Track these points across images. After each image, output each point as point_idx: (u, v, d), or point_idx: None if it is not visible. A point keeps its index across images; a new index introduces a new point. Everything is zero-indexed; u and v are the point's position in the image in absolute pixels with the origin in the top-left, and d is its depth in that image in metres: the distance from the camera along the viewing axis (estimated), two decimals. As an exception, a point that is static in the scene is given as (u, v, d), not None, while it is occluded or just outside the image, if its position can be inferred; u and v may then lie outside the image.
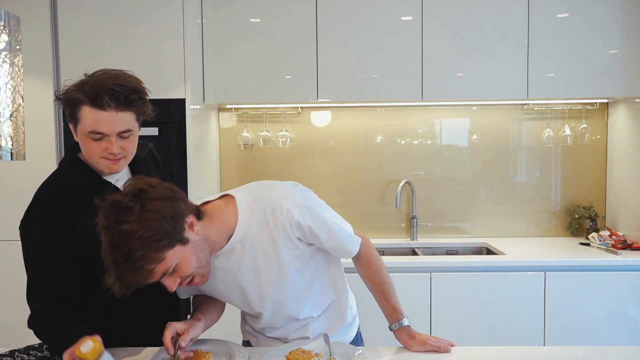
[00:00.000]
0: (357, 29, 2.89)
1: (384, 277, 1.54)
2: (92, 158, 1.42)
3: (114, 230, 1.17)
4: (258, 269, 1.41)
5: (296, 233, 1.39)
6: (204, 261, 1.32)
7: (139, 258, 1.17)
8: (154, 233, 1.18)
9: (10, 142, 1.12)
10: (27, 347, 1.49)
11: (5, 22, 1.09)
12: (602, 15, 2.84)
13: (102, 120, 1.35)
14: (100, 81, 1.36)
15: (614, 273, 2.67)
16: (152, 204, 1.20)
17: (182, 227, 1.26)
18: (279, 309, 1.50)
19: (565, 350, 1.55)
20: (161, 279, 1.25)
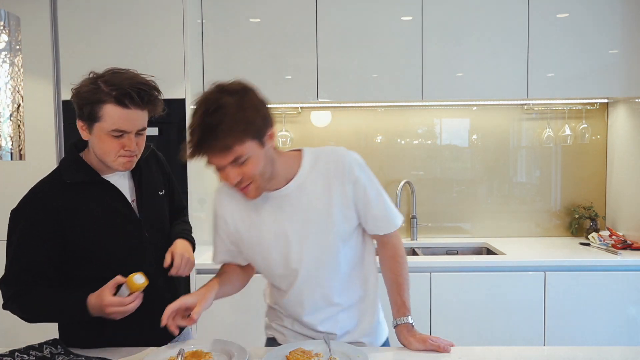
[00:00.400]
0: (357, 29, 2.89)
1: (404, 272, 1.56)
2: (109, 156, 1.44)
3: (215, 101, 1.29)
4: (307, 220, 1.45)
5: (351, 190, 1.45)
6: (266, 175, 1.38)
7: (226, 129, 1.26)
8: (246, 119, 1.29)
9: (10, 142, 1.12)
10: (27, 347, 1.49)
11: (5, 22, 1.09)
12: (602, 15, 2.85)
13: (126, 118, 1.38)
14: (121, 80, 1.39)
15: (614, 273, 2.67)
16: (254, 99, 1.35)
17: (266, 132, 1.35)
18: (315, 274, 1.49)
19: (565, 350, 1.55)
20: (230, 164, 1.31)
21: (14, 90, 1.13)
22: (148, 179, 1.61)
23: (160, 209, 1.65)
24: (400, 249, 1.59)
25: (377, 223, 1.52)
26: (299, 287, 1.51)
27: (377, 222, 1.52)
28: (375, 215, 1.50)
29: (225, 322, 2.66)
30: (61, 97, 2.71)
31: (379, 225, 1.53)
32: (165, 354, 1.47)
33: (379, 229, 1.54)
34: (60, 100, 2.71)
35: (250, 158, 1.32)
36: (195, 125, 1.28)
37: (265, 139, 1.35)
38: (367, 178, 1.49)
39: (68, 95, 2.70)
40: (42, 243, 1.44)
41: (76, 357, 1.47)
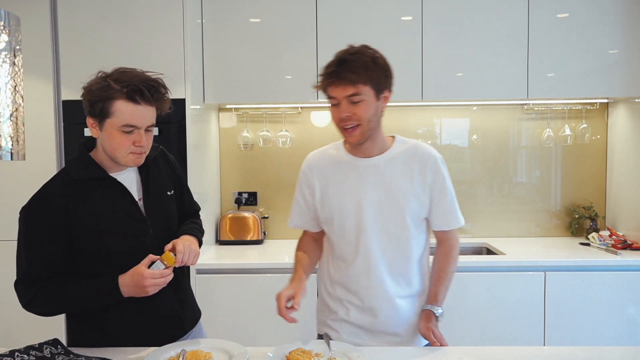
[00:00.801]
0: (357, 29, 2.89)
1: (449, 269, 1.67)
2: (120, 152, 1.46)
3: (357, 48, 1.55)
4: (386, 193, 1.59)
5: (431, 178, 1.60)
6: (372, 125, 1.55)
7: (357, 66, 1.49)
8: (375, 70, 1.51)
9: (10, 142, 1.12)
10: (27, 347, 1.49)
11: (5, 22, 1.09)
12: (602, 15, 2.85)
13: (137, 114, 1.42)
14: (130, 78, 1.43)
15: (614, 273, 2.67)
16: (386, 64, 1.58)
17: (384, 89, 1.56)
18: (384, 245, 1.61)
19: (565, 350, 1.55)
20: (345, 99, 1.51)
21: (14, 90, 1.13)
22: (156, 178, 1.62)
23: (168, 209, 1.65)
24: (454, 249, 1.71)
25: (446, 217, 1.65)
26: (366, 255, 1.61)
27: (446, 217, 1.65)
28: (446, 208, 1.64)
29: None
30: (61, 97, 2.71)
31: (447, 220, 1.66)
32: (165, 354, 1.47)
33: (446, 224, 1.66)
34: (60, 100, 2.71)
35: (364, 101, 1.51)
36: (334, 60, 1.53)
37: (381, 95, 1.55)
38: (447, 174, 1.64)
39: (68, 95, 2.71)
40: (52, 239, 1.46)
41: (76, 357, 1.47)
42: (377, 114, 1.56)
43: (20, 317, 2.73)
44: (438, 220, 1.66)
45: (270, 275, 2.65)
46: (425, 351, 1.56)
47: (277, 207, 3.31)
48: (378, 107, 1.55)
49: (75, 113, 2.71)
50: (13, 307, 2.79)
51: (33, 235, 1.48)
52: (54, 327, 2.74)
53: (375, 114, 1.55)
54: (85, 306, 1.51)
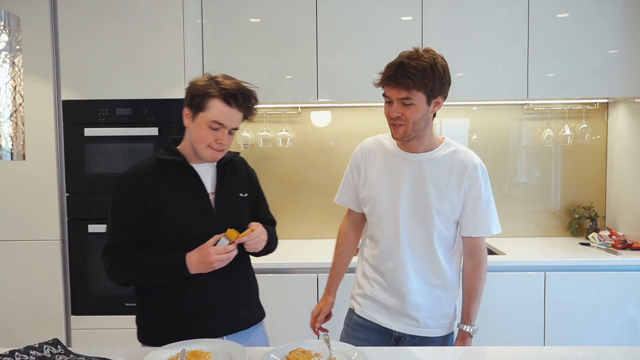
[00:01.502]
0: (357, 29, 2.89)
1: (478, 286, 1.74)
2: (202, 144, 1.61)
3: (418, 54, 1.65)
4: (423, 190, 1.70)
5: (468, 185, 1.69)
6: (417, 126, 1.65)
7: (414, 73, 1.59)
8: (430, 78, 1.59)
9: (10, 142, 1.12)
10: (27, 347, 1.49)
11: (5, 22, 1.09)
12: (602, 15, 2.85)
13: (227, 115, 1.60)
14: (231, 83, 1.63)
15: (614, 273, 2.67)
16: (443, 70, 1.64)
17: (436, 96, 1.64)
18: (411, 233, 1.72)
19: (565, 350, 1.55)
20: (398, 100, 1.62)
21: (14, 90, 1.13)
22: (232, 178, 1.74)
23: (238, 209, 1.74)
24: (483, 265, 1.75)
25: (477, 224, 1.71)
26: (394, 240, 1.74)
27: (477, 223, 1.71)
28: (478, 214, 1.70)
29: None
30: (61, 97, 2.71)
31: (477, 227, 1.72)
32: (165, 354, 1.47)
33: (475, 230, 1.72)
34: (60, 100, 2.71)
35: (415, 105, 1.61)
36: (395, 63, 1.63)
37: (433, 101, 1.64)
38: (485, 182, 1.72)
39: (68, 95, 2.71)
40: (132, 213, 1.61)
41: (76, 357, 1.47)
42: (425, 117, 1.65)
43: (20, 317, 2.74)
44: (467, 226, 1.73)
45: (269, 275, 2.65)
46: (425, 351, 1.56)
47: (278, 207, 3.30)
48: (428, 111, 1.65)
49: (75, 113, 2.71)
50: (13, 307, 2.80)
51: (118, 207, 1.63)
52: (54, 327, 2.74)
53: (423, 117, 1.64)
54: (153, 279, 1.62)
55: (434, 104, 1.65)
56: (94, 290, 2.74)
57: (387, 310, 1.78)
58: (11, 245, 2.73)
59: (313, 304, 2.02)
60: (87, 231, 2.71)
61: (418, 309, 1.73)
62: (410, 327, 1.75)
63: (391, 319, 1.77)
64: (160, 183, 1.63)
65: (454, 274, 1.78)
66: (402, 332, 1.76)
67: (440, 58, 1.66)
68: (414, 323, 1.75)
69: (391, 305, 1.77)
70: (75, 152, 2.70)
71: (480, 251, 1.75)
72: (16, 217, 2.72)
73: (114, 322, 2.73)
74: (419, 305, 1.73)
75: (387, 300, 1.77)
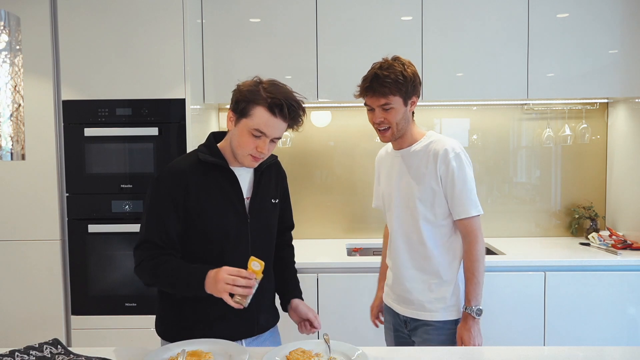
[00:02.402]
0: (357, 29, 2.89)
1: (473, 267, 1.80)
2: (242, 150, 1.58)
3: (389, 63, 1.80)
4: (407, 180, 1.87)
5: (444, 170, 1.79)
6: (400, 126, 1.83)
7: (389, 81, 1.76)
8: (403, 82, 1.77)
9: (10, 142, 1.12)
10: (27, 347, 1.49)
11: (5, 22, 1.09)
12: (602, 15, 2.85)
13: (270, 124, 1.55)
14: (277, 92, 1.58)
15: (614, 273, 2.67)
16: (413, 73, 1.81)
17: (411, 97, 1.82)
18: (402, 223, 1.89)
19: (565, 350, 1.55)
20: (379, 107, 1.80)
21: (14, 90, 1.13)
22: (266, 184, 1.72)
23: (269, 215, 1.73)
24: (474, 246, 1.80)
25: (455, 206, 1.81)
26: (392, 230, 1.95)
27: (455, 206, 1.81)
28: (455, 197, 1.80)
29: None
30: (61, 97, 2.71)
31: (456, 209, 1.81)
32: (165, 354, 1.47)
33: (456, 212, 1.81)
34: (60, 100, 2.71)
35: (394, 109, 1.79)
36: (369, 75, 1.80)
37: (409, 102, 1.82)
38: (459, 165, 1.80)
39: (68, 95, 2.71)
40: (171, 211, 1.57)
41: (76, 357, 1.47)
42: (405, 116, 1.83)
43: (20, 317, 2.74)
44: (452, 210, 1.83)
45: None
46: (425, 351, 1.56)
47: (277, 207, 3.31)
48: (407, 111, 1.83)
49: (75, 113, 2.71)
50: (13, 307, 2.80)
51: (156, 204, 1.59)
52: (54, 327, 2.74)
53: (404, 117, 1.82)
54: (174, 287, 1.58)
55: (410, 104, 1.83)
56: (94, 290, 2.74)
57: (395, 295, 1.96)
58: (11, 245, 2.73)
59: (313, 303, 2.02)
60: (87, 231, 2.71)
61: (412, 292, 1.88)
62: (409, 309, 1.90)
63: (398, 303, 1.94)
64: (200, 184, 1.59)
65: (448, 261, 1.86)
66: (406, 316, 1.91)
67: (409, 64, 1.82)
68: (412, 306, 1.89)
69: (396, 290, 1.95)
70: (75, 152, 2.70)
71: (469, 233, 1.81)
72: (16, 217, 2.72)
73: (114, 322, 2.73)
74: (412, 288, 1.88)
75: (394, 286, 1.96)
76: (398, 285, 1.93)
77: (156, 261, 1.55)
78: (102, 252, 2.72)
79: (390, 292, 1.99)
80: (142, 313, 2.72)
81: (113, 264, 2.73)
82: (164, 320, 1.68)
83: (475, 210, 1.80)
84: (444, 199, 1.82)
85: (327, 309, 2.68)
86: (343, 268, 2.72)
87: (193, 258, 1.60)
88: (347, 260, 2.78)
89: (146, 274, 1.57)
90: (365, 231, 3.35)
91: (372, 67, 1.82)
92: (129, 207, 2.71)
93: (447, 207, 1.83)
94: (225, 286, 1.43)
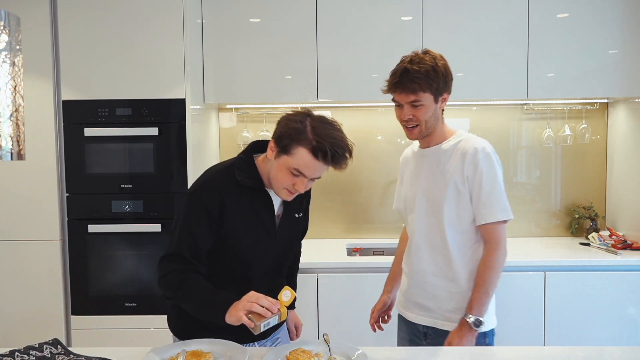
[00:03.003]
0: (357, 29, 2.89)
1: (485, 275, 1.69)
2: (277, 184, 1.54)
3: (419, 57, 1.69)
4: (432, 179, 1.77)
5: (471, 171, 1.70)
6: (429, 124, 1.73)
7: (419, 77, 1.66)
8: (434, 77, 1.67)
9: (10, 142, 1.12)
10: (27, 347, 1.49)
11: (5, 22, 1.09)
12: (602, 15, 2.85)
13: (311, 166, 1.48)
14: (325, 135, 1.47)
15: (614, 273, 2.67)
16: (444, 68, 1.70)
17: (442, 93, 1.72)
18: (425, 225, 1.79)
19: (565, 350, 1.55)
20: (408, 104, 1.69)
21: (14, 90, 1.13)
22: (294, 200, 1.67)
23: (292, 229, 1.73)
24: (492, 253, 1.69)
25: (481, 210, 1.70)
26: (413, 232, 1.83)
27: (481, 209, 1.69)
28: (482, 200, 1.69)
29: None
30: (61, 97, 2.71)
31: (482, 212, 1.70)
32: (165, 353, 1.47)
33: (482, 216, 1.70)
34: (60, 100, 2.71)
35: (424, 106, 1.69)
36: (399, 69, 1.69)
37: (440, 99, 1.72)
38: (489, 166, 1.71)
39: (68, 95, 2.71)
40: (204, 227, 1.54)
41: (76, 357, 1.48)
42: (435, 114, 1.73)
43: (20, 317, 2.74)
44: (476, 213, 1.72)
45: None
46: (425, 351, 1.56)
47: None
48: (437, 108, 1.73)
49: (75, 113, 2.71)
50: (13, 307, 2.80)
51: (190, 218, 1.55)
52: (54, 327, 2.74)
53: (433, 115, 1.72)
54: (194, 308, 1.53)
55: (440, 101, 1.73)
56: (94, 290, 2.74)
57: (411, 302, 1.84)
58: (11, 245, 2.73)
59: (313, 303, 2.02)
60: (87, 231, 2.71)
61: (433, 299, 1.77)
62: (429, 318, 1.79)
63: (413, 311, 1.84)
64: (235, 203, 1.56)
65: (472, 269, 1.74)
66: (427, 326, 1.80)
67: (440, 57, 1.71)
68: (433, 315, 1.78)
69: (413, 297, 1.84)
70: (75, 152, 2.70)
71: (491, 239, 1.69)
72: (16, 217, 2.72)
73: (114, 322, 2.73)
74: (433, 296, 1.77)
75: (411, 294, 1.84)
76: (417, 292, 1.81)
77: (184, 276, 1.52)
78: (102, 252, 2.72)
79: (405, 299, 1.88)
80: (142, 313, 2.72)
81: (113, 264, 2.73)
82: (181, 319, 1.65)
83: (503, 215, 1.68)
84: (469, 202, 1.71)
85: (327, 309, 2.68)
86: (343, 268, 2.72)
87: (217, 269, 1.59)
88: (347, 260, 2.78)
89: (171, 287, 1.53)
90: (366, 231, 3.35)
91: (402, 61, 1.71)
92: (129, 207, 2.71)
93: (472, 211, 1.72)
94: (246, 303, 1.40)
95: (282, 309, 1.41)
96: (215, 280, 1.58)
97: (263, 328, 1.38)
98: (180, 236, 1.55)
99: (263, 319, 1.37)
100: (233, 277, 1.60)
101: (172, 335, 1.71)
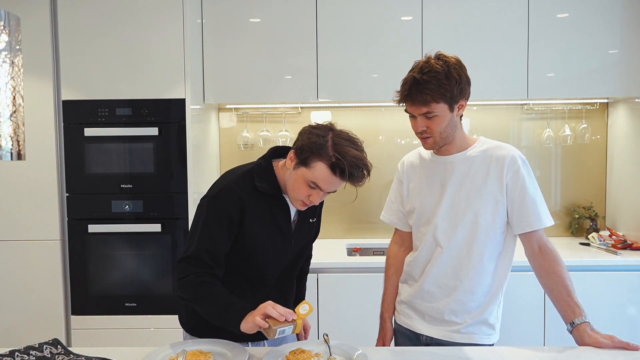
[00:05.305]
0: (357, 29, 2.89)
1: (568, 275, 1.64)
2: (293, 194, 1.56)
3: (430, 65, 1.57)
4: (461, 189, 1.65)
5: (510, 178, 1.61)
6: (445, 134, 1.62)
7: (430, 88, 1.55)
8: (447, 86, 1.55)
9: (10, 142, 1.12)
10: (27, 347, 1.49)
11: (5, 22, 1.09)
12: (602, 15, 2.85)
13: (328, 181, 1.50)
14: (345, 153, 1.47)
15: (614, 273, 2.67)
16: (459, 73, 1.60)
17: (458, 101, 1.60)
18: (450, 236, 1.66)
19: (565, 351, 1.55)
20: (421, 115, 1.59)
21: (14, 90, 1.13)
22: (310, 207, 1.66)
23: (307, 234, 1.75)
24: (559, 254, 1.67)
25: (528, 217, 1.61)
26: (433, 244, 1.69)
27: (529, 216, 1.61)
28: (528, 207, 1.60)
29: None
30: (61, 97, 2.71)
31: (529, 221, 1.61)
32: (165, 354, 1.47)
33: (529, 224, 1.61)
34: (60, 100, 2.71)
35: (438, 117, 1.58)
36: (408, 79, 1.60)
37: (456, 107, 1.60)
38: (528, 173, 1.63)
39: (68, 95, 2.71)
40: (224, 231, 1.56)
41: (76, 357, 1.47)
42: (452, 123, 1.62)
43: (20, 317, 2.74)
44: (520, 221, 1.62)
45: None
46: (425, 351, 1.56)
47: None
48: (453, 117, 1.62)
49: (75, 113, 2.71)
50: (13, 307, 2.80)
51: (211, 222, 1.56)
52: (54, 327, 2.74)
53: (450, 124, 1.61)
54: (209, 313, 1.54)
55: (457, 109, 1.62)
56: (94, 290, 2.74)
57: (422, 315, 1.72)
58: (11, 245, 2.73)
59: (313, 303, 2.01)
60: (87, 231, 2.71)
61: (446, 312, 1.67)
62: (447, 332, 1.68)
63: (427, 325, 1.71)
64: (255, 209, 1.58)
65: (499, 278, 1.69)
66: (438, 339, 1.69)
67: (454, 62, 1.61)
68: (453, 328, 1.67)
69: (424, 310, 1.72)
70: (75, 152, 2.70)
71: (545, 246, 1.66)
72: (16, 217, 2.72)
73: (114, 322, 2.73)
74: (447, 308, 1.67)
75: (420, 305, 1.73)
76: (438, 305, 1.69)
77: (203, 280, 1.52)
78: (102, 252, 2.72)
79: (410, 311, 1.76)
80: (142, 313, 2.72)
81: (113, 264, 2.73)
82: (194, 315, 1.65)
83: (548, 220, 1.62)
84: (505, 210, 1.63)
85: (327, 309, 2.68)
86: (343, 268, 2.72)
87: (231, 271, 1.61)
88: (347, 260, 2.78)
89: (189, 290, 1.53)
90: (366, 231, 3.35)
91: (412, 69, 1.62)
92: (129, 207, 2.71)
93: (505, 220, 1.64)
94: (262, 307, 1.42)
95: (298, 320, 1.42)
96: (229, 282, 1.59)
97: (277, 335, 1.39)
98: (200, 239, 1.55)
99: (278, 323, 1.39)
100: (246, 280, 1.63)
101: (182, 332, 1.73)
